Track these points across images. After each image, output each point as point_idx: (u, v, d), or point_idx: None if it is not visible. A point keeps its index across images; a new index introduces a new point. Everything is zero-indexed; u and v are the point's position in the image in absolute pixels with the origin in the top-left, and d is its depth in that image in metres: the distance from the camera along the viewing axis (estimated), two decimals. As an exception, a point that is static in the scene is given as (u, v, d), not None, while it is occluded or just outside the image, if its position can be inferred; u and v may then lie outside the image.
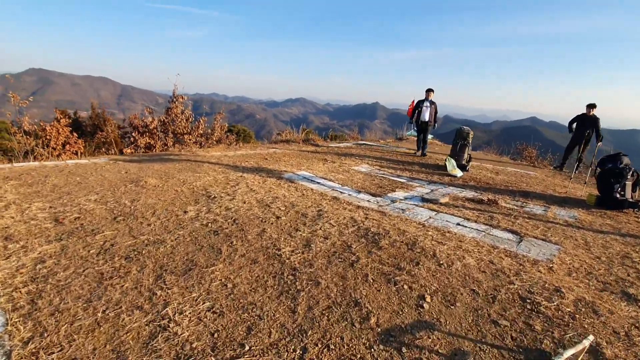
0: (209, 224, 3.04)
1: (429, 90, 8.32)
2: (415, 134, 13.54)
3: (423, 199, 4.63)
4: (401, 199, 4.52)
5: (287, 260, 2.44)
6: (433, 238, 3.06)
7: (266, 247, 2.65)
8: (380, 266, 2.44)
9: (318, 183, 4.98)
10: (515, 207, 4.56)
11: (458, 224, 3.63)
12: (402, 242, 2.90)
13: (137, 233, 2.74)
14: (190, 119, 10.54)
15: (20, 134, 7.28)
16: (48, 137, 7.45)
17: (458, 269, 2.50)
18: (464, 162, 7.05)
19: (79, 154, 8.04)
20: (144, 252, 2.44)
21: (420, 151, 8.60)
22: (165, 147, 9.54)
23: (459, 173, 6.53)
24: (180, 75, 10.19)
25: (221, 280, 2.13)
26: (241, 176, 4.90)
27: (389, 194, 4.72)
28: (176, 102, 10.21)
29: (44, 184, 3.81)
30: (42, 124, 7.50)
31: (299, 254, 2.55)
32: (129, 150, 9.18)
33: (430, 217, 3.80)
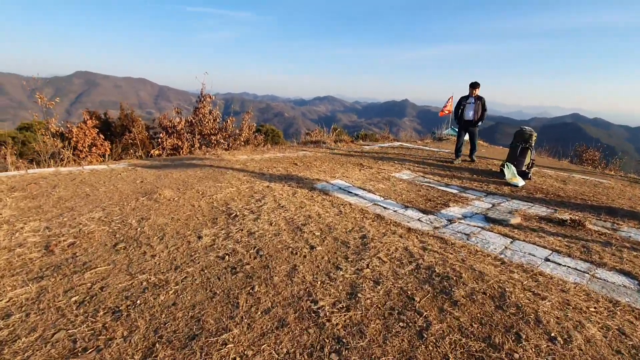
0: (227, 256, 2.40)
1: (473, 85, 7.07)
2: (454, 133, 12.32)
3: (487, 218, 3.74)
4: (459, 218, 3.68)
5: (327, 323, 1.74)
6: (524, 286, 2.23)
7: (298, 296, 1.97)
8: (464, 340, 1.67)
9: (356, 195, 4.24)
10: (607, 231, 3.56)
11: (547, 260, 2.75)
12: (483, 293, 2.10)
13: (137, 269, 2.17)
14: (218, 119, 10.18)
15: (48, 136, 7.15)
16: (75, 139, 7.29)
17: (581, 347, 1.67)
18: (524, 169, 5.99)
19: (106, 156, 7.86)
20: (138, 301, 1.84)
21: (462, 157, 7.46)
22: (192, 148, 9.24)
23: (520, 182, 5.52)
24: (208, 74, 9.84)
25: (235, 360, 1.47)
26: (268, 187, 4.28)
27: (443, 210, 3.89)
28: (204, 102, 9.86)
29: (49, 197, 3.39)
30: (69, 125, 7.36)
31: (342, 312, 1.84)
32: (156, 152, 8.94)
33: (505, 248, 2.94)
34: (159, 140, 9.13)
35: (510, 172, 5.70)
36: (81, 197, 3.46)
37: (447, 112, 13.12)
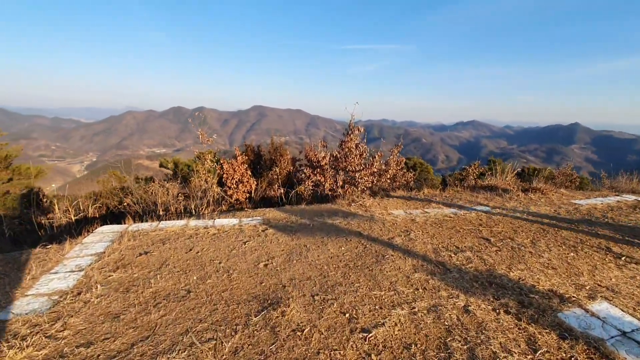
0: None
1: None
2: None
3: None
4: None
5: None
6: None
7: None
8: None
9: None
10: None
11: None
12: None
13: None
14: (364, 154, 8.83)
15: (204, 171, 7.19)
16: (226, 175, 7.16)
17: None
18: None
19: (252, 192, 7.52)
20: None
21: None
22: (335, 185, 8.11)
23: None
24: (358, 104, 8.70)
25: None
26: (465, 310, 2.22)
27: None
28: (351, 135, 8.71)
29: (142, 291, 2.37)
30: (222, 160, 7.34)
31: None
32: (302, 189, 8.22)
33: None
34: (302, 174, 8.44)
35: None
36: (178, 298, 2.30)
37: None
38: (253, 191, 7.85)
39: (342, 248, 3.26)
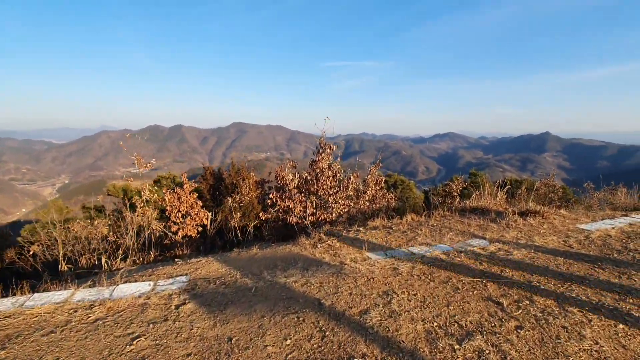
0: None
1: None
2: None
3: None
4: None
5: None
6: None
7: None
8: None
9: None
10: None
11: None
12: None
13: None
14: (338, 174, 7.78)
15: (141, 203, 5.89)
16: (170, 207, 5.89)
17: None
18: None
19: (206, 225, 6.28)
20: None
21: None
22: (304, 213, 7.01)
23: None
24: (329, 119, 7.66)
25: None
26: None
27: None
28: (322, 154, 7.66)
29: None
30: (164, 190, 6.06)
31: None
32: (264, 217, 7.04)
33: None
34: (269, 200, 7.27)
35: None
36: None
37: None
38: (208, 224, 6.60)
39: (288, 343, 2.09)
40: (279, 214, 7.05)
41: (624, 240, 4.33)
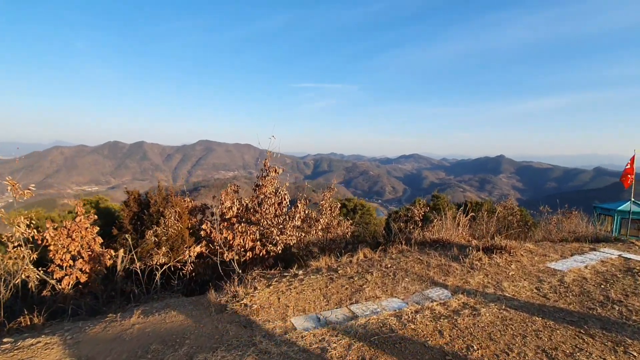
0: None
1: None
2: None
3: None
4: None
5: None
6: None
7: None
8: None
9: None
10: None
11: None
12: None
13: None
14: (285, 202, 6.79)
15: (13, 244, 4.46)
16: (54, 247, 4.51)
17: None
18: None
19: (113, 268, 4.95)
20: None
21: None
22: (244, 247, 5.92)
23: None
24: (275, 138, 6.69)
25: None
26: None
27: None
28: (266, 178, 6.66)
29: None
30: (48, 224, 4.65)
31: None
32: (197, 250, 5.85)
33: None
34: (202, 232, 6.07)
35: None
36: None
37: (630, 179, 8.12)
38: (119, 264, 5.26)
39: None
40: (216, 248, 5.84)
41: (602, 286, 3.69)
